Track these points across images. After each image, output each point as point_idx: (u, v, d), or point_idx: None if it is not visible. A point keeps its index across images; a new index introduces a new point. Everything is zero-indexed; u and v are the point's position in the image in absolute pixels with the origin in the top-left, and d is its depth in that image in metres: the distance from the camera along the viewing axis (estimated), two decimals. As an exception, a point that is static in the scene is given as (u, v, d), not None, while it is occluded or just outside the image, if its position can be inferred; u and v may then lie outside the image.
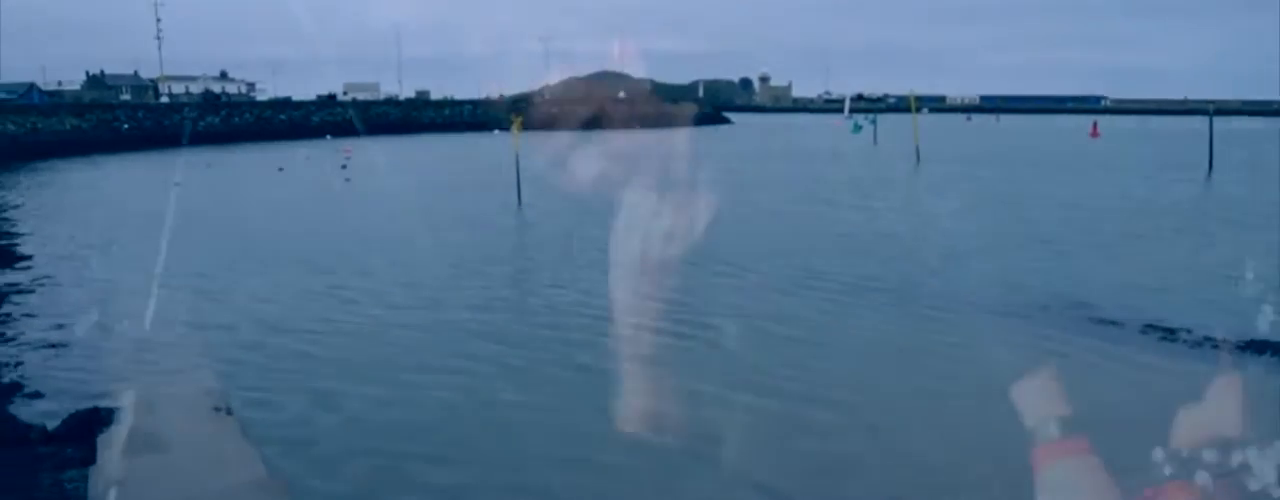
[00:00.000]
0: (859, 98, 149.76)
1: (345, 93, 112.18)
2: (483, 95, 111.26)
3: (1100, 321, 14.69)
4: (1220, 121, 49.63)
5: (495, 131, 66.68)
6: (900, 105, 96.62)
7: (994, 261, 19.59)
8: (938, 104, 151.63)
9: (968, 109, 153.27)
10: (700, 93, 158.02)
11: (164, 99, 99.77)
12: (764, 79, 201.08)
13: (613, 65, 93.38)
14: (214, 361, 12.76)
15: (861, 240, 23.26)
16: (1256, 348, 12.28)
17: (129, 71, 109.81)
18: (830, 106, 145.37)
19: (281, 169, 47.55)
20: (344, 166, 45.12)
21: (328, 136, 72.20)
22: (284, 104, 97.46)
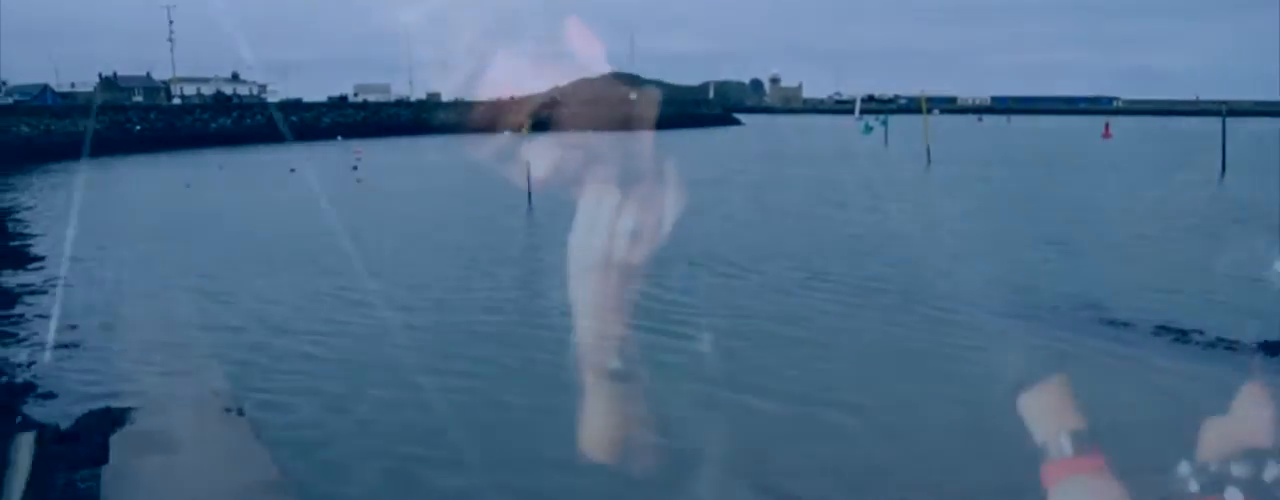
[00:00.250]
0: (870, 99, 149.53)
1: (356, 94, 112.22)
2: (493, 97, 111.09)
3: (1112, 323, 14.62)
4: (1233, 122, 49.29)
5: (505, 133, 66.68)
6: (911, 106, 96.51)
7: (1005, 262, 19.52)
8: (949, 105, 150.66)
9: (979, 110, 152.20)
10: (711, 94, 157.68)
11: (176, 100, 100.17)
12: (774, 80, 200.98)
13: (623, 66, 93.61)
14: (224, 363, 12.80)
15: (872, 241, 23.19)
16: (1270, 350, 12.18)
17: (141, 73, 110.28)
18: (841, 107, 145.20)
19: (293, 170, 47.68)
20: (355, 167, 45.19)
21: (338, 138, 72.37)
22: (295, 105, 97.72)
